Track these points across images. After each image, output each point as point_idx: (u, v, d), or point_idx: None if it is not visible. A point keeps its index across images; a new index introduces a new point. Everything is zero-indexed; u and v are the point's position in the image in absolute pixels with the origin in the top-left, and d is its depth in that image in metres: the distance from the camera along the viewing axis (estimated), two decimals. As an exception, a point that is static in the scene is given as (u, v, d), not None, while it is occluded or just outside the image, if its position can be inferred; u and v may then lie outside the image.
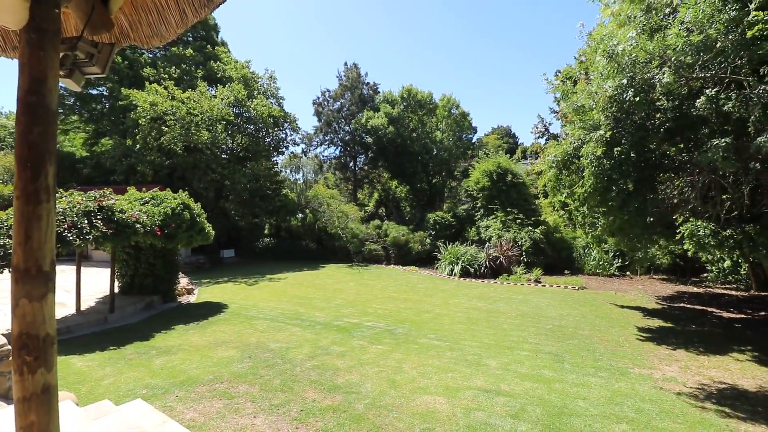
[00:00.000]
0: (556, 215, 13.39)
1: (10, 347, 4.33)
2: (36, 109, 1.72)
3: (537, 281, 14.96)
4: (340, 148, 32.07)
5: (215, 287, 14.29)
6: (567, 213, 10.83)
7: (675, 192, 6.83)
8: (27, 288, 1.67)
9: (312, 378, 5.69)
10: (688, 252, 9.03)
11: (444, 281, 15.77)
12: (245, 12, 75.44)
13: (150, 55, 25.77)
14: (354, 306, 10.94)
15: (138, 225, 9.13)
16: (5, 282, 6.52)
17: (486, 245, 17.90)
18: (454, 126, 29.47)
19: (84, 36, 2.01)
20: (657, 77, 5.78)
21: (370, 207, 31.36)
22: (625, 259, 16.49)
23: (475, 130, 32.24)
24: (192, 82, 23.58)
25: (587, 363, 6.54)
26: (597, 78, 6.87)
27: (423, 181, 29.20)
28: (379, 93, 31.61)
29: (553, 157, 8.42)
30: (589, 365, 6.43)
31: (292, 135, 26.64)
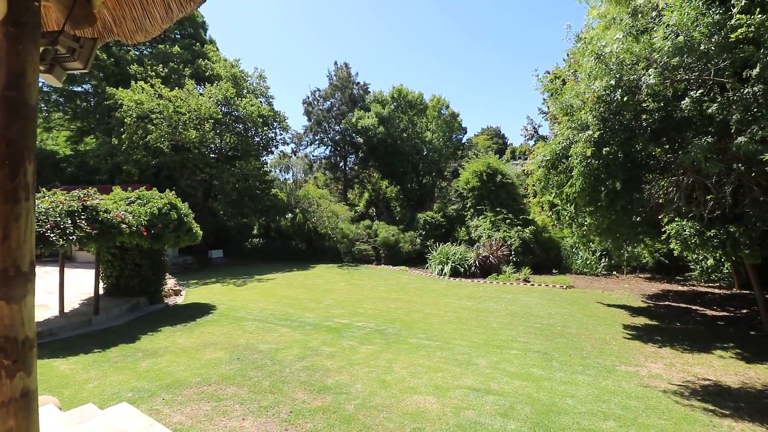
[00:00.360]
0: (544, 215, 13.54)
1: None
2: (14, 105, 1.66)
3: (526, 280, 15.10)
4: (330, 147, 31.95)
5: (203, 288, 14.11)
6: (555, 213, 10.94)
7: (660, 192, 6.95)
8: (5, 289, 1.62)
9: (302, 379, 5.64)
10: (673, 251, 9.23)
11: (434, 281, 15.82)
12: (234, 10, 74.79)
13: (136, 53, 25.36)
14: (344, 306, 10.90)
15: (123, 225, 8.97)
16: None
17: (476, 245, 18.01)
18: (444, 126, 29.60)
19: (65, 30, 1.96)
20: (643, 79, 5.87)
21: (360, 207, 31.31)
22: (612, 259, 16.76)
23: (465, 130, 32.44)
24: (180, 80, 23.26)
25: (575, 361, 6.61)
26: (585, 79, 6.95)
27: (413, 181, 29.27)
28: (370, 93, 31.58)
29: (542, 157, 8.49)
30: (577, 363, 6.51)
31: (281, 134, 26.45)
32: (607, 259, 17.01)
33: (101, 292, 10.68)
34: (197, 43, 26.92)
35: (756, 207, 5.99)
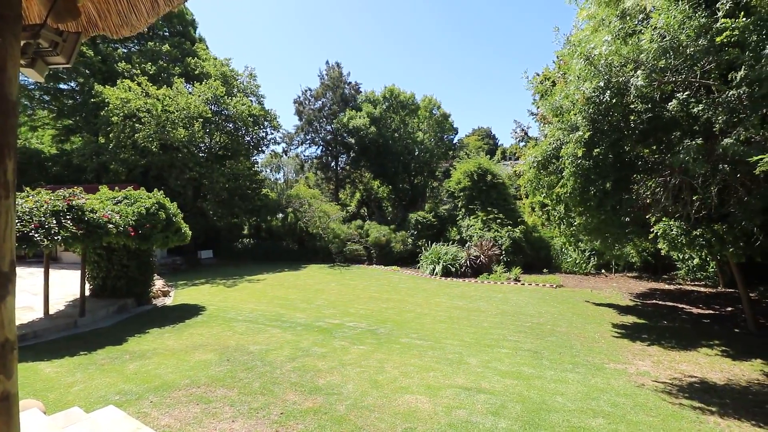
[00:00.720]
0: (535, 216, 13.65)
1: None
2: (-6, 100, 1.61)
3: (516, 280, 15.21)
4: (321, 147, 31.79)
5: (192, 289, 13.93)
6: (545, 213, 11.03)
7: (648, 192, 7.05)
8: (-17, 290, 1.56)
9: (292, 380, 5.60)
10: (660, 250, 9.37)
11: (426, 281, 15.85)
12: (224, 8, 74.06)
13: (125, 50, 24.95)
14: (335, 306, 10.86)
15: (110, 225, 8.81)
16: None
17: (467, 245, 18.08)
18: (435, 127, 29.69)
19: (47, 23, 1.90)
20: (631, 81, 5.95)
21: (351, 207, 31.24)
22: (601, 258, 16.96)
23: (457, 131, 32.56)
24: (169, 78, 22.94)
25: (565, 359, 6.67)
26: (574, 80, 7.01)
27: (405, 182, 29.29)
28: (361, 93, 31.51)
29: (533, 158, 8.55)
30: (567, 361, 6.57)
31: (272, 134, 26.26)
32: (596, 259, 17.22)
33: (87, 293, 10.48)
34: (187, 42, 26.56)
35: (741, 207, 6.11)
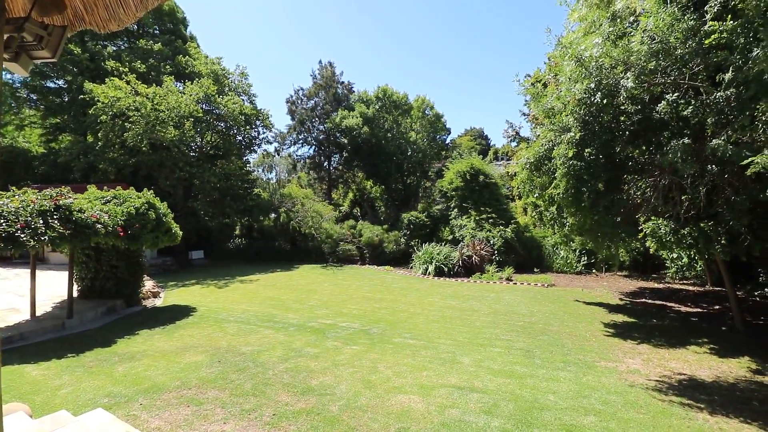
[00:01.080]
0: (528, 216, 13.76)
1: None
2: (-24, 95, 1.57)
3: (508, 279, 15.29)
4: (314, 147, 31.64)
5: (183, 290, 13.79)
6: (538, 213, 11.10)
7: (638, 192, 7.13)
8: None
9: (285, 381, 5.56)
10: (649, 249, 9.48)
11: (419, 280, 15.86)
12: (216, 7, 73.42)
13: (114, 48, 24.59)
14: (328, 307, 10.81)
15: (99, 225, 8.67)
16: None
17: (460, 245, 18.13)
18: (428, 127, 29.73)
19: (32, 17, 1.85)
20: (622, 82, 6.01)
21: (344, 207, 31.15)
22: (591, 257, 17.13)
23: (449, 131, 32.61)
24: (159, 77, 22.68)
25: (556, 358, 6.71)
26: (566, 82, 7.07)
27: (398, 182, 29.29)
28: (354, 92, 31.43)
29: (526, 159, 8.61)
30: (559, 360, 6.61)
31: (264, 133, 26.09)
32: (587, 258, 17.38)
33: (75, 294, 10.32)
34: (178, 40, 26.29)
35: (729, 207, 6.21)
